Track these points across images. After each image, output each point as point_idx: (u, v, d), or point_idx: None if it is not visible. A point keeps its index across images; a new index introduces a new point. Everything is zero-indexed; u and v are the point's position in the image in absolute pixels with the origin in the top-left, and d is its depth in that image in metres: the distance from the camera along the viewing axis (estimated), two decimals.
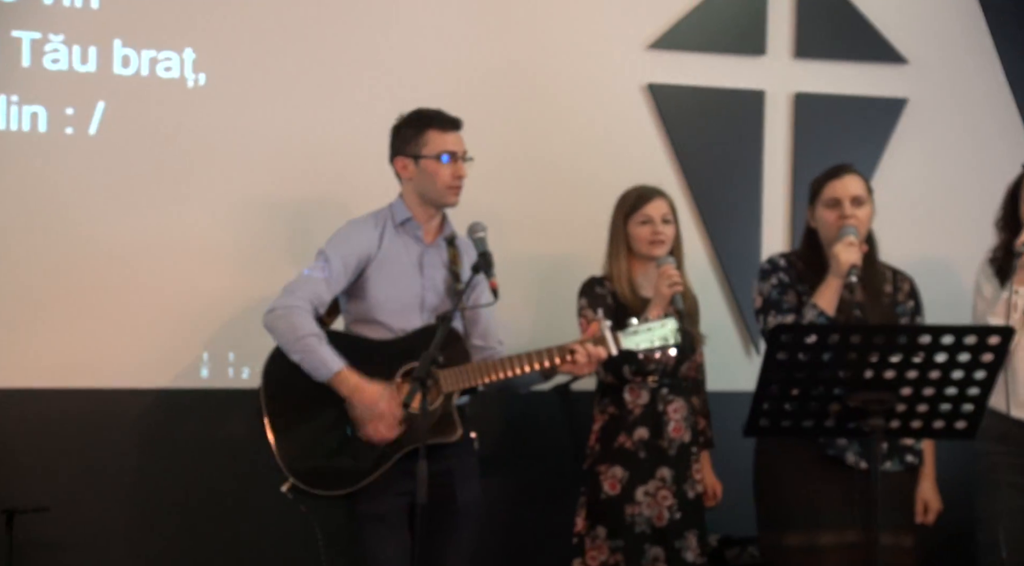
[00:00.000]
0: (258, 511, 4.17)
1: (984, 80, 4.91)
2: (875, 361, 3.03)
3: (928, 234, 4.75)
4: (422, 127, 3.60)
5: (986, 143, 4.86)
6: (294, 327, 3.46)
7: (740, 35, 4.74)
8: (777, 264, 3.85)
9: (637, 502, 3.84)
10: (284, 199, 4.33)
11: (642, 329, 3.53)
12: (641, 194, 3.98)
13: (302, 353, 3.45)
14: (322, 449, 3.46)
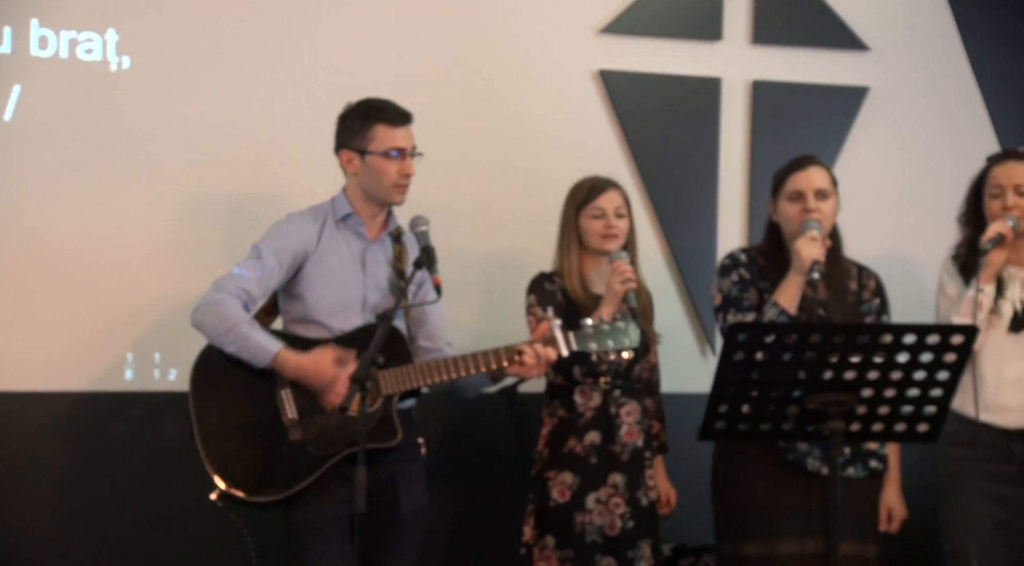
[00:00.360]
0: (186, 520, 4.14)
1: (948, 68, 4.96)
2: (835, 361, 3.04)
3: (890, 228, 4.79)
4: (370, 120, 3.58)
5: (951, 134, 4.90)
6: (223, 317, 3.45)
7: (695, 19, 4.75)
8: (738, 259, 3.86)
9: (588, 510, 3.85)
10: (219, 192, 4.31)
11: (598, 331, 3.53)
12: (594, 186, 3.98)
13: (236, 342, 3.43)
14: (253, 454, 3.44)
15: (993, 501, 3.78)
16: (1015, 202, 3.79)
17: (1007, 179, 3.82)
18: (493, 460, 4.45)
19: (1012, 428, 3.78)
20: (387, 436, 3.46)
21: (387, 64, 4.41)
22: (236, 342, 3.43)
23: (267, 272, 3.53)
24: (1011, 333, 3.80)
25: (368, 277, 3.61)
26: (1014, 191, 3.80)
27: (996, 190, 3.84)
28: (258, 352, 3.43)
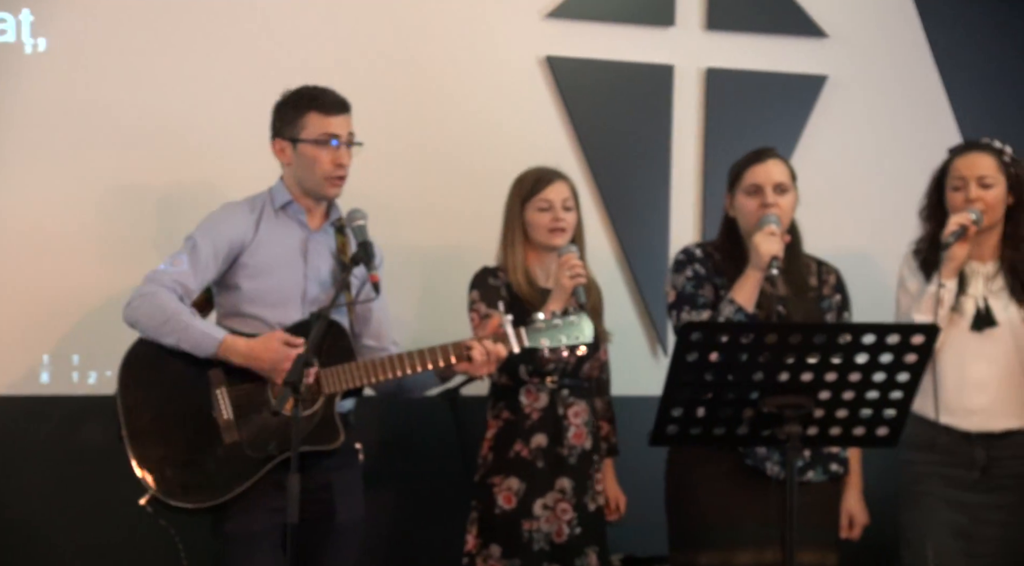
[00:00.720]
0: (115, 528, 4.12)
1: (910, 56, 5.01)
2: (791, 362, 3.05)
3: (849, 222, 4.83)
4: (303, 108, 3.57)
5: (912, 124, 4.95)
6: (160, 308, 3.43)
7: (646, 4, 4.77)
8: (693, 255, 3.87)
9: (535, 517, 3.86)
10: (147, 182, 4.28)
11: (550, 326, 3.55)
12: (540, 177, 3.98)
13: (177, 332, 3.42)
14: (186, 457, 3.42)
15: (953, 508, 3.81)
16: (978, 194, 3.82)
17: (970, 170, 3.85)
18: (434, 466, 4.45)
19: (974, 431, 3.81)
20: (328, 438, 3.45)
21: (325, 49, 4.39)
22: (176, 332, 3.42)
23: (203, 263, 3.51)
24: (974, 331, 3.83)
25: (310, 269, 3.60)
26: (977, 183, 3.83)
27: (958, 182, 3.87)
28: (202, 340, 3.41)
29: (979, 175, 3.84)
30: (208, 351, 3.42)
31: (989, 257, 3.91)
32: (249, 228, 3.58)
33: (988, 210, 3.81)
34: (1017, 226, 3.88)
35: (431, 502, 4.46)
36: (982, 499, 3.80)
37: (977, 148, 3.90)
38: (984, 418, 3.81)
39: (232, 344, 3.43)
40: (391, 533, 4.42)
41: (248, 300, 3.56)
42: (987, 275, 3.89)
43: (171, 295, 3.45)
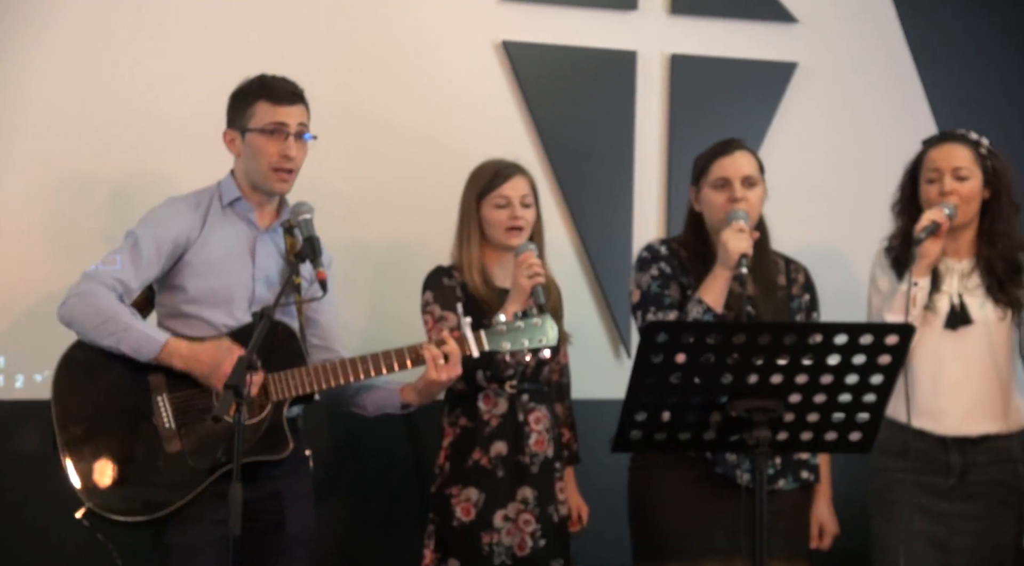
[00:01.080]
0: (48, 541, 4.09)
1: (883, 43, 5.03)
2: (761, 364, 3.06)
3: (818, 217, 4.85)
4: (253, 97, 3.58)
5: (885, 114, 4.98)
6: (98, 308, 3.41)
7: None
8: (657, 252, 3.88)
9: (495, 529, 3.86)
10: (94, 176, 4.28)
11: (512, 328, 3.56)
12: (497, 172, 3.98)
13: (117, 334, 3.40)
14: (124, 468, 3.41)
15: (928, 517, 3.83)
16: (953, 187, 3.84)
17: (945, 162, 3.87)
18: (386, 474, 4.45)
19: (949, 435, 3.83)
20: (276, 447, 3.45)
21: (276, 37, 4.39)
22: (115, 333, 3.40)
23: (144, 261, 3.50)
24: (948, 330, 3.84)
25: (257, 269, 3.60)
26: (952, 175, 3.85)
27: (933, 174, 3.88)
28: (144, 342, 3.40)
29: (954, 167, 3.85)
30: (149, 355, 3.40)
31: (965, 253, 3.93)
32: (195, 225, 3.57)
33: (963, 204, 3.83)
34: (993, 221, 3.90)
35: (384, 513, 4.45)
36: (958, 508, 3.82)
37: (952, 139, 3.92)
38: (959, 421, 3.83)
39: (175, 347, 3.42)
40: (341, 546, 4.42)
41: (192, 301, 3.55)
42: (962, 272, 3.91)
43: (110, 294, 3.43)
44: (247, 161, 3.58)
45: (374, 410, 3.70)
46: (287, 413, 3.49)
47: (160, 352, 3.40)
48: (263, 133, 3.54)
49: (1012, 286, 3.87)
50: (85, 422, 3.42)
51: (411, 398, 3.62)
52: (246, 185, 3.62)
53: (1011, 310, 3.86)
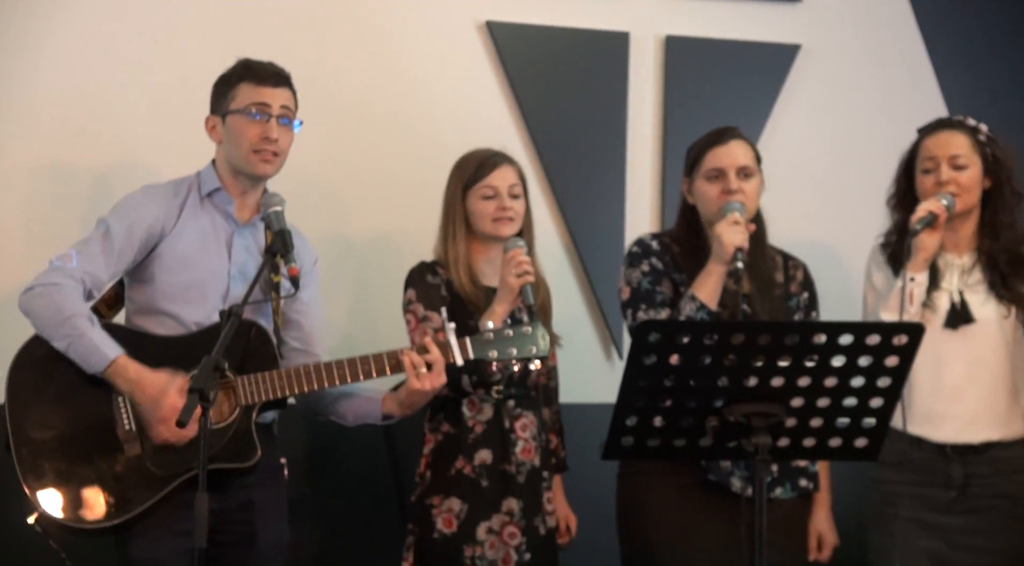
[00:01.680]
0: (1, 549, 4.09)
1: (892, 23, 5.08)
2: (760, 366, 3.07)
3: (821, 211, 4.89)
4: (236, 80, 3.63)
5: (894, 99, 5.01)
6: (58, 306, 3.43)
7: None
8: (649, 247, 3.92)
9: (478, 542, 3.87)
10: (71, 164, 4.32)
11: (500, 336, 3.57)
12: (484, 161, 4.00)
13: (69, 338, 3.41)
14: (81, 471, 3.42)
15: (928, 532, 3.84)
16: (950, 176, 3.86)
17: (941, 150, 3.89)
18: (364, 483, 4.48)
19: (949, 443, 3.84)
20: (244, 455, 3.46)
21: (256, 23, 4.44)
22: (69, 337, 3.42)
23: (115, 251, 3.53)
24: (948, 330, 3.85)
25: (234, 265, 3.63)
26: (949, 164, 3.87)
27: (929, 164, 3.91)
28: (93, 353, 3.41)
29: (951, 155, 3.87)
30: (95, 368, 3.42)
31: (965, 248, 3.96)
32: (170, 215, 3.60)
33: (962, 194, 3.85)
34: (995, 212, 3.92)
35: (361, 523, 4.48)
36: (960, 522, 3.84)
37: (949, 126, 3.94)
38: (960, 427, 3.85)
39: (122, 366, 3.41)
40: (316, 559, 4.45)
41: (163, 295, 3.57)
42: (963, 268, 3.94)
43: (76, 293, 3.46)
44: (228, 145, 3.62)
45: (354, 420, 3.71)
46: (258, 419, 3.51)
47: (106, 368, 3.41)
48: (244, 114, 3.58)
49: (1016, 281, 3.88)
50: (40, 422, 3.44)
51: (392, 409, 3.63)
52: (227, 173, 3.66)
53: (1015, 307, 3.87)
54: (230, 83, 3.63)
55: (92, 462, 3.42)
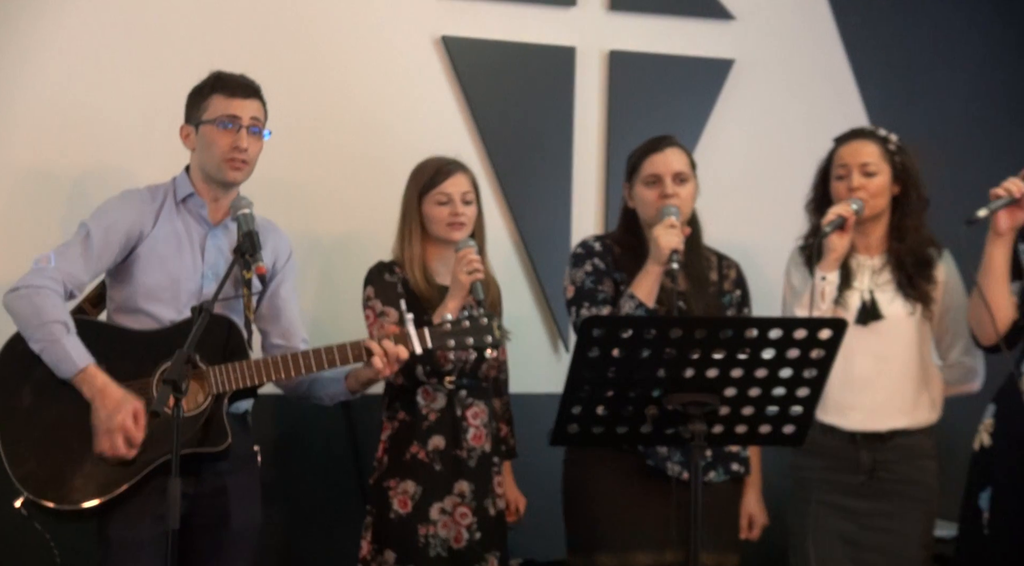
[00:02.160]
0: None
1: (818, 39, 5.10)
2: (696, 358, 3.09)
3: (756, 214, 4.90)
4: (209, 91, 3.62)
5: (820, 110, 5.03)
6: (38, 311, 3.41)
7: None
8: (592, 248, 3.93)
9: (432, 521, 3.87)
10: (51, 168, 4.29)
11: (457, 327, 3.58)
12: (439, 169, 4.00)
13: (44, 342, 3.40)
14: (63, 456, 3.40)
15: (840, 514, 3.86)
16: (860, 183, 3.88)
17: (853, 158, 3.91)
18: (326, 468, 4.47)
19: (858, 431, 3.87)
20: (215, 440, 3.45)
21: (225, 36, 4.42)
22: (43, 341, 3.40)
23: (96, 252, 3.51)
24: (859, 326, 3.86)
25: (207, 265, 3.62)
26: (860, 171, 3.89)
27: (842, 171, 3.93)
28: (63, 360, 3.39)
29: (862, 162, 3.89)
30: (65, 374, 3.39)
31: (876, 250, 3.97)
32: (148, 218, 3.59)
33: (871, 199, 3.87)
34: (903, 217, 3.94)
35: (322, 506, 4.47)
36: (868, 505, 3.85)
37: (861, 136, 3.97)
38: (868, 417, 3.87)
39: (90, 376, 3.39)
40: (281, 537, 4.42)
41: (141, 295, 3.56)
42: (874, 268, 3.95)
43: (56, 295, 3.43)
44: (201, 153, 3.61)
45: (330, 401, 3.74)
46: (231, 408, 3.50)
47: (75, 375, 3.39)
48: (216, 125, 3.57)
49: (922, 281, 3.91)
50: (24, 411, 3.42)
51: (354, 386, 3.66)
52: (200, 179, 3.65)
53: (921, 305, 3.90)
54: (203, 94, 3.62)
55: (73, 449, 3.39)
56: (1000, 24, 5.24)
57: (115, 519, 3.42)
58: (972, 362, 3.99)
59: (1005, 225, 3.67)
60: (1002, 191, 3.65)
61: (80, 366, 3.38)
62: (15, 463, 3.37)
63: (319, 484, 4.48)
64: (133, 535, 3.41)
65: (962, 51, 5.20)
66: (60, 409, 3.42)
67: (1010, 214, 3.66)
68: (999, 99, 5.19)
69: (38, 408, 3.42)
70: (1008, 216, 3.66)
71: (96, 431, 3.37)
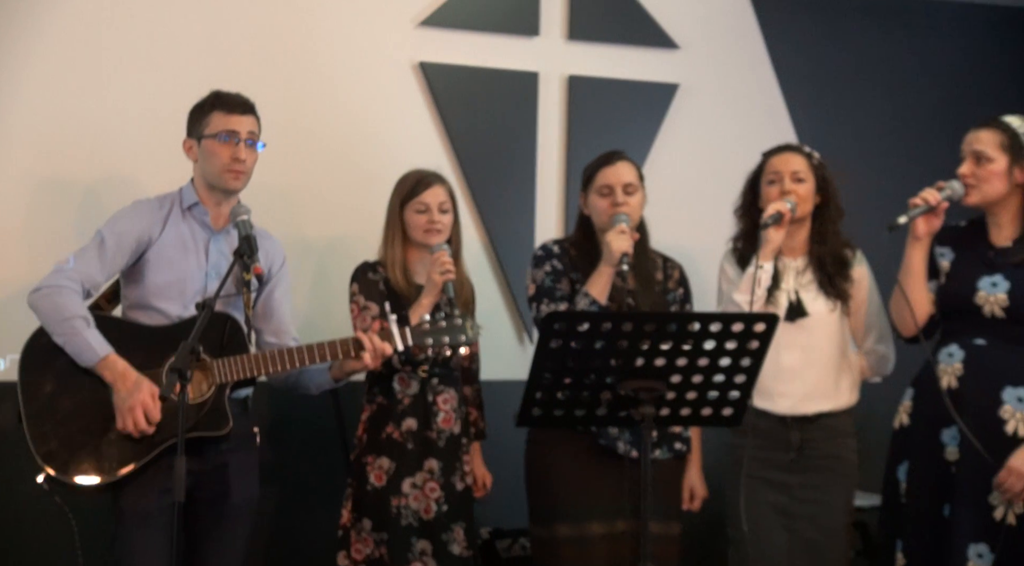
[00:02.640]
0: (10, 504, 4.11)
1: (752, 66, 5.13)
2: (646, 349, 3.12)
3: (698, 220, 4.89)
4: (208, 108, 3.63)
5: (754, 128, 5.04)
6: (59, 307, 3.43)
7: (513, 14, 4.83)
8: (551, 251, 3.96)
9: (403, 494, 3.89)
10: (72, 179, 4.29)
11: (435, 327, 3.61)
12: (420, 180, 4.00)
13: (66, 335, 3.42)
14: (81, 437, 3.42)
15: (772, 488, 3.86)
16: (792, 187, 3.89)
17: (784, 166, 3.92)
18: (315, 445, 4.47)
19: (788, 414, 3.87)
20: (218, 425, 3.47)
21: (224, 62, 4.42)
22: (65, 334, 3.42)
23: (109, 255, 3.53)
24: (787, 323, 3.87)
25: (211, 267, 3.63)
26: (791, 177, 3.90)
27: (774, 176, 3.93)
28: (85, 350, 3.42)
29: (792, 170, 3.91)
30: (87, 363, 3.43)
31: (800, 252, 3.99)
32: (156, 225, 3.60)
33: (800, 202, 3.89)
34: (824, 223, 3.96)
35: (310, 479, 4.47)
36: (797, 479, 3.86)
37: (790, 149, 3.99)
38: (797, 402, 3.88)
39: (111, 363, 3.43)
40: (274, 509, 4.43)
41: (152, 293, 3.57)
42: (798, 269, 3.97)
43: (74, 294, 3.46)
44: (203, 164, 3.63)
45: (316, 390, 3.76)
46: (232, 395, 3.52)
47: (96, 363, 3.42)
48: (216, 139, 3.59)
49: (840, 280, 3.93)
50: (48, 396, 3.43)
51: (338, 375, 3.69)
52: (203, 188, 3.66)
53: (840, 302, 3.93)
54: (204, 111, 3.63)
55: (91, 430, 3.42)
56: (913, 52, 5.29)
57: (127, 493, 3.44)
58: (885, 350, 4.01)
59: (923, 230, 3.70)
60: (919, 200, 3.67)
61: (101, 355, 3.42)
62: (39, 443, 3.39)
63: (309, 461, 4.47)
64: (143, 507, 3.43)
65: (881, 75, 5.25)
66: (78, 396, 3.44)
67: (927, 221, 3.69)
68: (915, 118, 5.23)
69: (59, 395, 3.44)
70: (925, 222, 3.69)
71: (119, 410, 3.40)
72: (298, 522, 4.49)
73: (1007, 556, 3.49)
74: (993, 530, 3.50)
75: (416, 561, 3.87)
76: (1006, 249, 3.66)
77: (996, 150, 3.63)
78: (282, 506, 4.46)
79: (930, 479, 3.63)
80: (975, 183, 3.65)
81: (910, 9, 5.28)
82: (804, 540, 3.85)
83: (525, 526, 4.01)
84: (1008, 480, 3.47)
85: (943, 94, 5.27)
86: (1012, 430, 3.53)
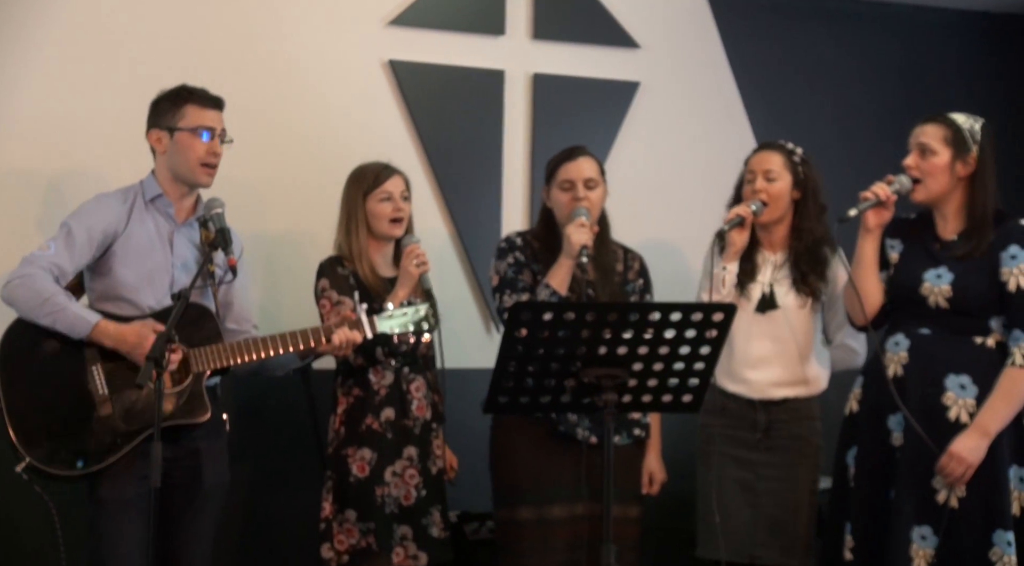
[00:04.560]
0: None
1: (710, 65, 5.11)
2: (608, 338, 3.11)
3: (658, 213, 4.90)
4: (181, 101, 3.56)
5: (712, 126, 5.05)
6: (37, 291, 3.38)
7: (480, 14, 4.80)
8: (514, 243, 3.94)
9: (386, 483, 3.87)
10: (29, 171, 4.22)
11: (398, 314, 3.60)
12: (380, 171, 3.97)
13: (54, 314, 3.37)
14: (61, 427, 3.38)
15: (739, 465, 3.91)
16: (761, 186, 3.91)
17: (759, 165, 3.95)
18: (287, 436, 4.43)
19: (756, 398, 3.93)
20: (197, 412, 3.44)
21: (181, 50, 4.35)
22: (52, 314, 3.37)
23: (77, 247, 3.47)
24: (758, 313, 3.92)
25: (176, 258, 3.58)
26: (763, 176, 3.92)
27: (749, 175, 3.97)
28: (77, 322, 3.38)
29: (765, 169, 3.93)
30: (81, 333, 3.38)
31: (779, 247, 4.00)
32: (121, 218, 3.54)
33: (771, 201, 3.91)
34: (802, 219, 3.97)
35: (284, 470, 4.43)
36: (763, 457, 3.90)
37: (769, 147, 4.00)
38: (765, 388, 3.92)
39: (104, 327, 3.40)
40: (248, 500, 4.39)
41: (120, 285, 3.52)
42: (776, 264, 3.98)
43: (48, 277, 3.40)
44: (175, 156, 3.55)
45: (282, 371, 3.76)
46: (207, 383, 3.49)
47: (91, 331, 3.38)
48: (193, 133, 3.53)
49: (814, 278, 3.94)
50: (26, 387, 3.39)
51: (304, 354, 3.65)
52: (167, 180, 3.59)
53: (811, 299, 3.95)
54: (176, 103, 3.56)
55: (70, 420, 3.39)
56: (862, 53, 5.30)
57: (105, 480, 3.40)
58: (855, 344, 4.04)
59: (873, 223, 3.71)
60: (870, 194, 3.68)
61: (93, 321, 3.38)
62: (19, 432, 3.34)
63: (277, 449, 4.43)
64: (120, 494, 3.40)
65: (833, 77, 5.26)
66: (59, 387, 3.40)
67: (877, 214, 3.70)
68: (864, 115, 5.24)
69: (38, 385, 3.40)
70: (875, 215, 3.70)
71: (135, 358, 3.36)
72: (269, 510, 4.45)
73: (949, 538, 3.51)
74: (936, 513, 3.53)
75: (398, 546, 3.86)
76: (951, 242, 3.67)
77: (940, 144, 3.63)
78: (254, 495, 4.41)
79: (876, 464, 3.65)
80: (919, 175, 3.66)
81: (860, 13, 5.30)
82: (767, 516, 3.88)
83: (490, 509, 4.00)
84: (949, 465, 3.49)
85: (891, 93, 5.29)
86: (954, 416, 3.55)
